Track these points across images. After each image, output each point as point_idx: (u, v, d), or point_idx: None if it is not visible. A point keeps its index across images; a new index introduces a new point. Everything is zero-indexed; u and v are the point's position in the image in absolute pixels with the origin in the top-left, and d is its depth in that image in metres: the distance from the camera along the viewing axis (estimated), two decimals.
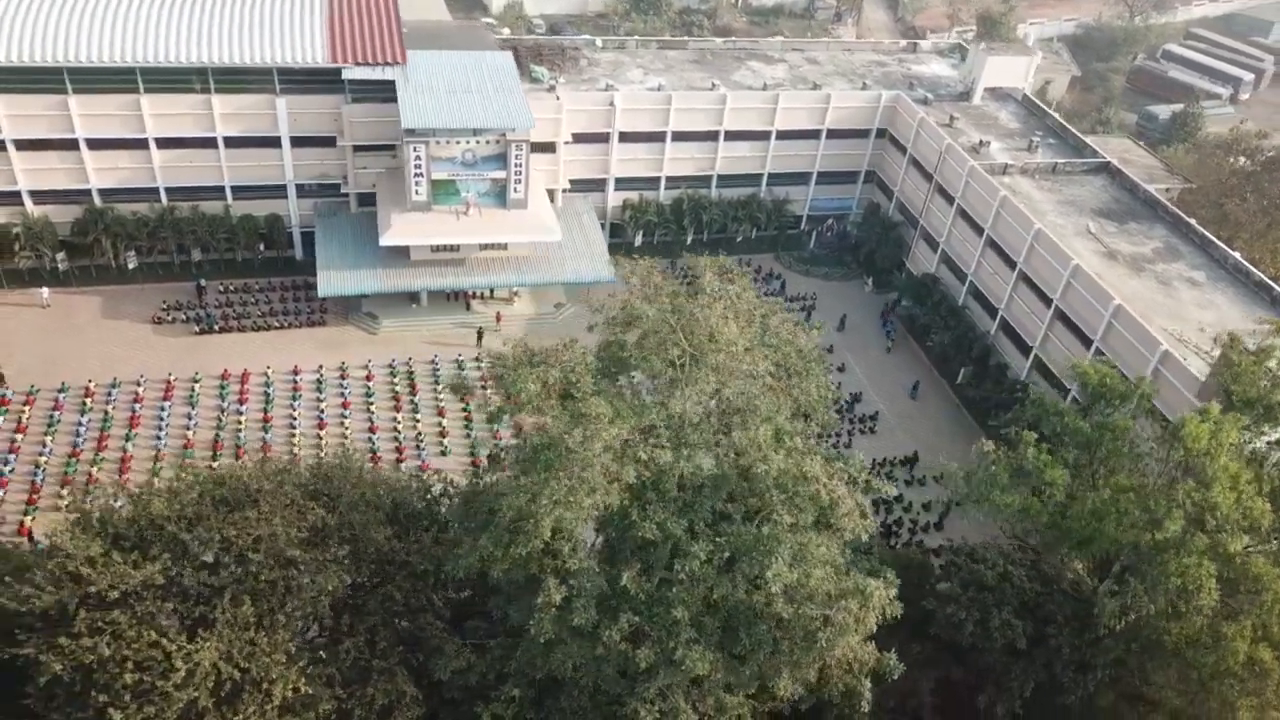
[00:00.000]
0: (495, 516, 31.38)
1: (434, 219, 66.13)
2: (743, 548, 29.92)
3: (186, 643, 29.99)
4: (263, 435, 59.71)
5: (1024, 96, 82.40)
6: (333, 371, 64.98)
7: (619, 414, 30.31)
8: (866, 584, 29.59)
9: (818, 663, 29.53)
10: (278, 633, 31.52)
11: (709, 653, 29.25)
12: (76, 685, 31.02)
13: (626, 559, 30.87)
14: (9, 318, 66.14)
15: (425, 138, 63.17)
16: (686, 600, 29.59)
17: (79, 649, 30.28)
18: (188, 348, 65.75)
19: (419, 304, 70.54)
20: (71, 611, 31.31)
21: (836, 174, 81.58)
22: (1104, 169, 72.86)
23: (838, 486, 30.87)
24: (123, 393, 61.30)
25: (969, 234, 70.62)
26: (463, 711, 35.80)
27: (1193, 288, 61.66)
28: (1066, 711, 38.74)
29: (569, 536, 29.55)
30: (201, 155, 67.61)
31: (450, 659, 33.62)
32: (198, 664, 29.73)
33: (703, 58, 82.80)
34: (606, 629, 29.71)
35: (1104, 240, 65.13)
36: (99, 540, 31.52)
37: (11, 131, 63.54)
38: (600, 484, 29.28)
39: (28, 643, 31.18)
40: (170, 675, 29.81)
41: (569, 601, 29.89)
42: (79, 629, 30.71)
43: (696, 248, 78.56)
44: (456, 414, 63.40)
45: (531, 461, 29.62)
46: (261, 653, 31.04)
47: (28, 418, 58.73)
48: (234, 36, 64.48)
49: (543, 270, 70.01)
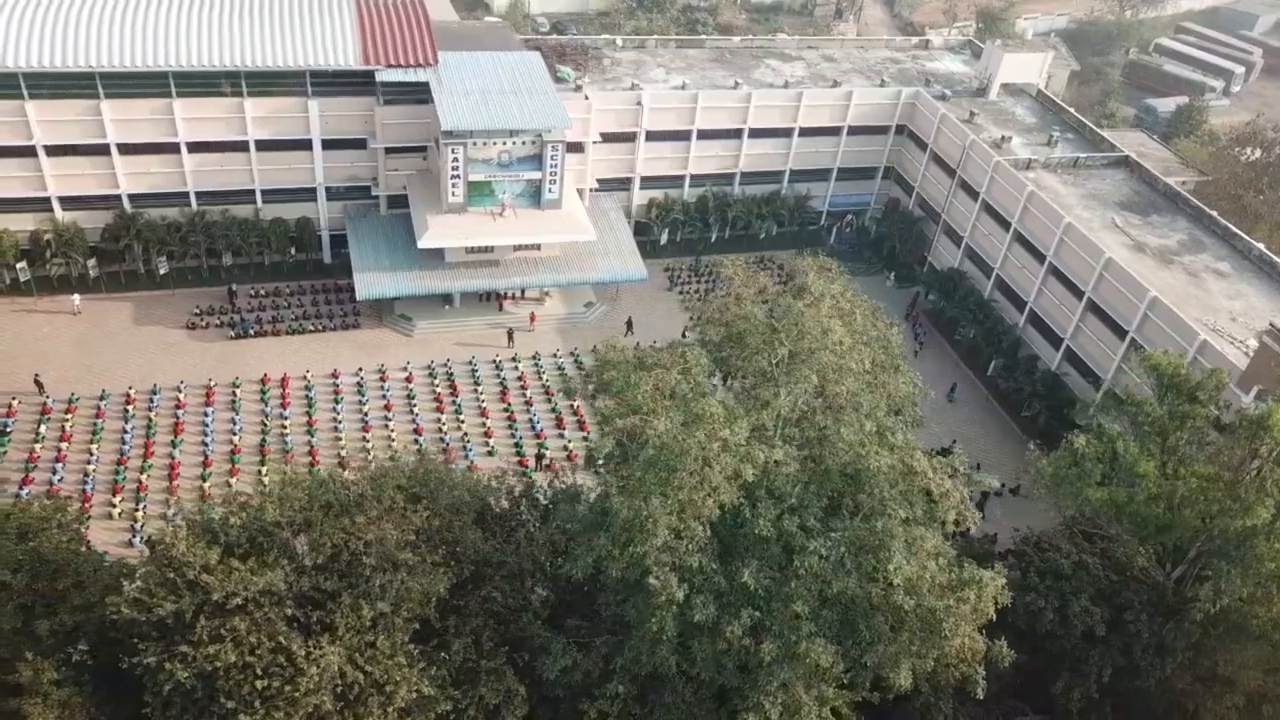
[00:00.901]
0: (608, 517, 31.88)
1: (470, 220, 66.28)
2: (858, 543, 30.62)
3: (311, 647, 30.20)
4: (309, 439, 59.68)
5: (1038, 92, 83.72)
6: (372, 374, 65.00)
7: (732, 414, 30.88)
8: (980, 574, 30.41)
9: (936, 652, 30.32)
10: (394, 635, 31.83)
11: (831, 645, 29.93)
12: (197, 692, 31.18)
13: (740, 555, 31.45)
14: (42, 325, 65.58)
15: (463, 140, 63.29)
16: (805, 595, 30.23)
17: (202, 656, 30.45)
18: (223, 353, 65.52)
19: (451, 305, 70.65)
20: (188, 619, 31.45)
21: (856, 170, 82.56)
22: (1123, 163, 74.28)
23: (944, 480, 31.64)
24: (164, 399, 61.01)
25: (994, 228, 71.77)
26: (562, 709, 36.30)
27: (1220, 279, 63.11)
28: (1142, 694, 39.83)
29: (689, 535, 30.06)
30: (232, 159, 67.33)
31: (557, 658, 34.05)
32: (324, 668, 29.98)
33: (721, 56, 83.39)
34: (728, 624, 30.30)
35: (1130, 233, 66.49)
36: (214, 548, 31.62)
37: (43, 137, 62.96)
38: (721, 483, 29.85)
39: (147, 652, 31.26)
40: (298, 680, 30.06)
41: (688, 598, 30.44)
42: (200, 637, 30.84)
43: (720, 245, 79.87)
44: (499, 415, 63.65)
45: (652, 462, 30.07)
46: (382, 655, 31.35)
47: (71, 426, 58.34)
48: (266, 40, 64.21)
49: (576, 270, 70.34)
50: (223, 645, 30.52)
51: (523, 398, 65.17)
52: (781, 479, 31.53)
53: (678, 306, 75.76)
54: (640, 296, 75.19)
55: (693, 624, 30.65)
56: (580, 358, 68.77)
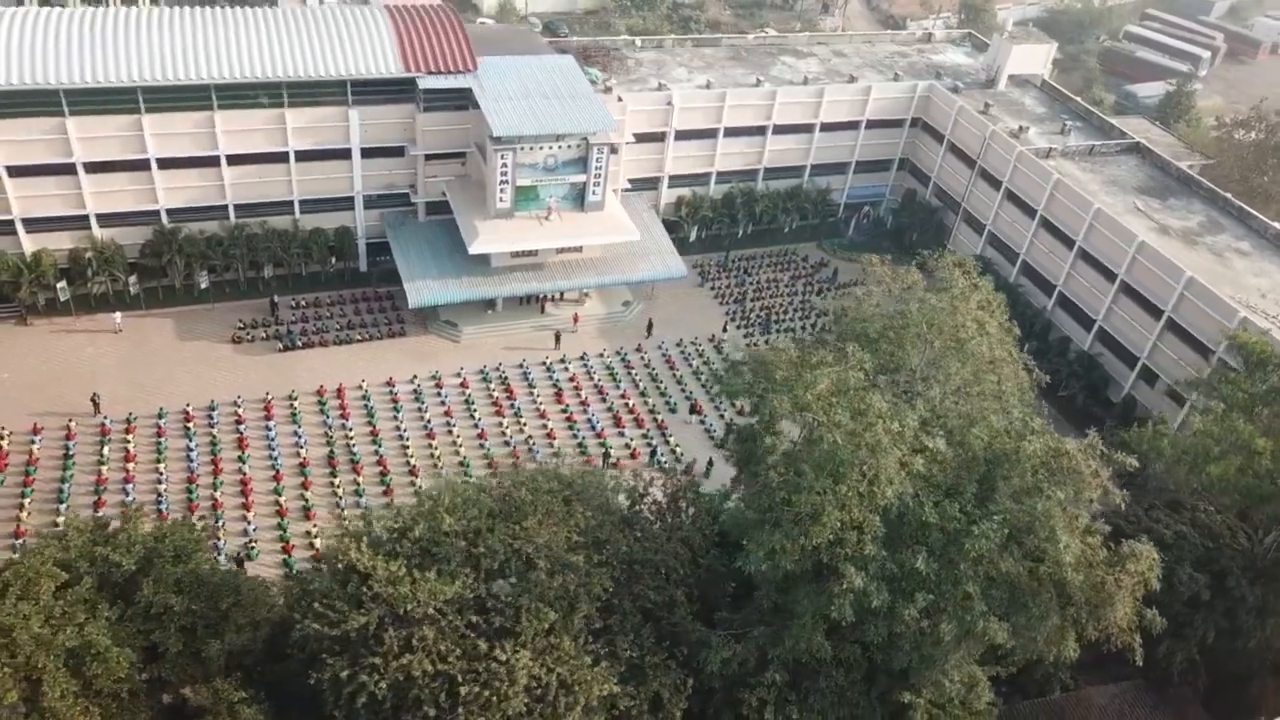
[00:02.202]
0: (771, 514, 33.01)
1: (517, 225, 66.71)
2: (1017, 524, 32.18)
3: (508, 652, 30.89)
4: (376, 449, 59.73)
5: (1043, 82, 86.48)
6: (427, 381, 65.15)
7: (897, 408, 32.20)
8: (1137, 548, 32.20)
9: (1104, 624, 32.05)
10: (575, 637, 32.62)
11: (1003, 623, 31.49)
12: (386, 704, 31.66)
13: (905, 541, 32.81)
14: (85, 345, 64.53)
15: (511, 145, 63.67)
16: (974, 576, 31.72)
17: (395, 667, 30.96)
18: (273, 366, 65.13)
19: (494, 310, 71.00)
20: (372, 631, 31.91)
21: (872, 163, 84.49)
22: (1134, 149, 77.25)
23: (1091, 461, 33.32)
24: (223, 415, 60.53)
25: (1019, 216, 74.19)
26: (716, 699, 37.34)
27: (1243, 258, 66.20)
28: (1243, 655, 42.17)
29: (870, 526, 31.32)
30: (271, 170, 66.82)
31: (718, 650, 35.12)
32: (522, 671, 30.69)
33: (737, 54, 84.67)
34: (904, 608, 31.66)
35: (1153, 217, 69.31)
36: (395, 559, 32.08)
37: (83, 154, 61.91)
38: (896, 476, 31.17)
39: (335, 666, 31.66)
40: (494, 684, 30.72)
41: (864, 586, 31.72)
42: (389, 648, 31.34)
43: (745, 240, 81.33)
44: (558, 416, 64.27)
45: (827, 457, 31.25)
46: (567, 656, 32.12)
47: (134, 446, 57.65)
48: (308, 51, 63.89)
49: (618, 270, 71.16)
50: (415, 655, 31.06)
51: (578, 398, 65.86)
52: (937, 467, 32.95)
53: (711, 302, 77.03)
54: (674, 294, 76.24)
55: (869, 609, 31.92)
56: (626, 355, 69.77)
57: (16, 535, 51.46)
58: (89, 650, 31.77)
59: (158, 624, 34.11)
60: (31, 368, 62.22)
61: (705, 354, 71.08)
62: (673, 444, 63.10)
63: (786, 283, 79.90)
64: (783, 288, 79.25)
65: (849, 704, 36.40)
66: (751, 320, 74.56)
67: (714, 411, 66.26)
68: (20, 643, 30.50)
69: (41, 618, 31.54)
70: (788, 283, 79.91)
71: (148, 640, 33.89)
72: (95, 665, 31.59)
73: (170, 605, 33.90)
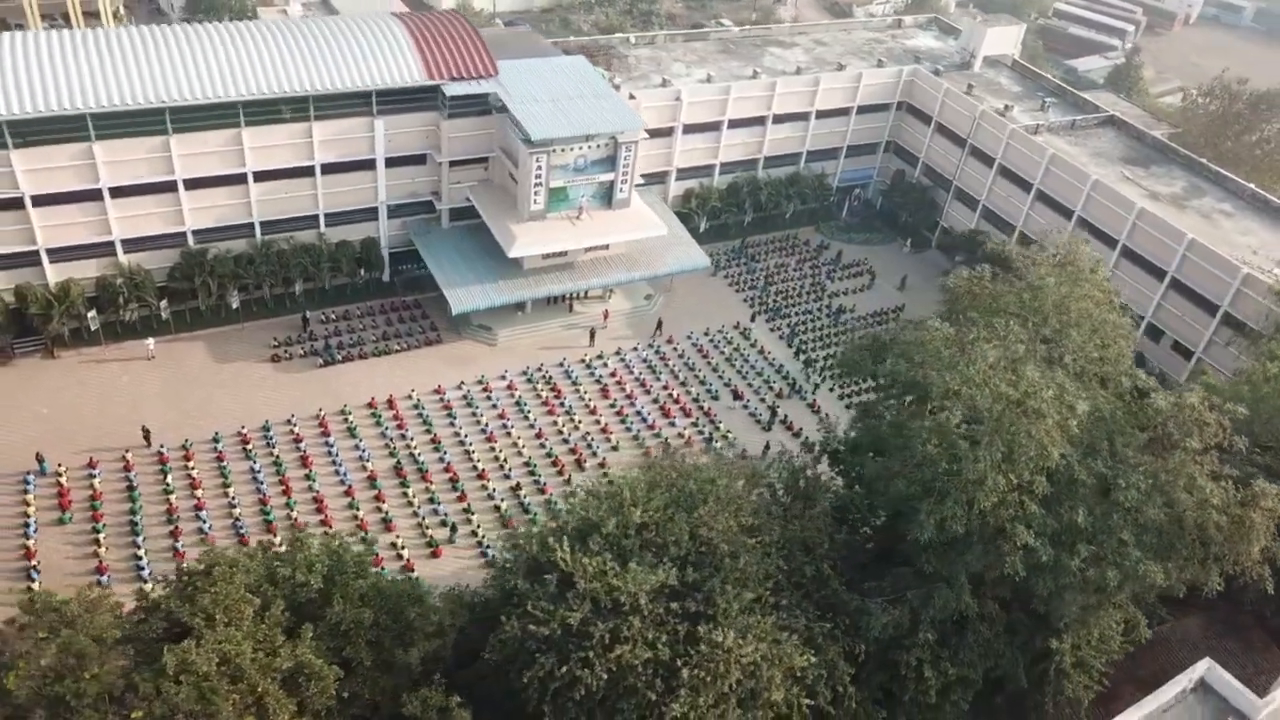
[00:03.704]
0: (935, 485, 35.31)
1: (550, 226, 67.57)
2: (1159, 475, 35.18)
3: (718, 634, 32.46)
4: (439, 456, 60.13)
5: (1013, 62, 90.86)
6: (474, 385, 65.66)
7: (1049, 377, 34.81)
8: (1266, 487, 35.52)
9: (1246, 559, 35.29)
10: (770, 615, 34.38)
11: (1159, 565, 34.47)
12: (599, 693, 32.91)
13: (1058, 498, 35.48)
14: (120, 374, 63.07)
15: (546, 148, 64.46)
16: (1127, 525, 34.60)
17: (608, 659, 32.23)
18: (315, 381, 64.73)
19: (524, 311, 71.70)
20: (576, 626, 33.08)
21: (861, 146, 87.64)
22: (1110, 122, 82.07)
23: (1207, 413, 36.53)
24: (279, 434, 60.07)
25: (1014, 190, 78.19)
26: (865, 664, 39.48)
27: (1228, 218, 71.33)
28: None
29: (1039, 488, 33.85)
30: (297, 185, 66.22)
31: (878, 616, 37.35)
32: (734, 652, 32.31)
33: (726, 47, 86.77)
34: (1069, 559, 34.33)
35: (1142, 184, 74.01)
36: (597, 554, 33.28)
37: (110, 179, 60.46)
38: (1058, 438, 33.78)
39: (543, 663, 32.75)
40: (707, 665, 32.27)
41: (1028, 544, 34.28)
42: (599, 640, 32.57)
43: (748, 228, 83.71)
44: (609, 412, 65.51)
45: (995, 427, 33.63)
46: (766, 634, 33.85)
47: (197, 472, 56.87)
48: (332, 64, 63.48)
49: (644, 265, 72.58)
50: (627, 646, 32.37)
51: (623, 392, 67.23)
52: (1079, 427, 35.73)
53: (728, 290, 79.07)
54: (691, 285, 78.01)
55: (1037, 565, 34.49)
56: (659, 347, 71.37)
57: (100, 570, 50.57)
58: (301, 671, 32.20)
59: (346, 640, 34.64)
60: (70, 401, 60.60)
61: (734, 341, 73.11)
62: (723, 430, 65.03)
63: (794, 267, 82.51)
64: (791, 272, 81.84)
65: (994, 655, 39.09)
66: (770, 306, 76.86)
67: (754, 396, 68.41)
68: (244, 669, 30.80)
69: (251, 643, 31.85)
70: (795, 267, 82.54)
71: (339, 656, 34.38)
72: (311, 685, 32.04)
73: (361, 620, 34.45)
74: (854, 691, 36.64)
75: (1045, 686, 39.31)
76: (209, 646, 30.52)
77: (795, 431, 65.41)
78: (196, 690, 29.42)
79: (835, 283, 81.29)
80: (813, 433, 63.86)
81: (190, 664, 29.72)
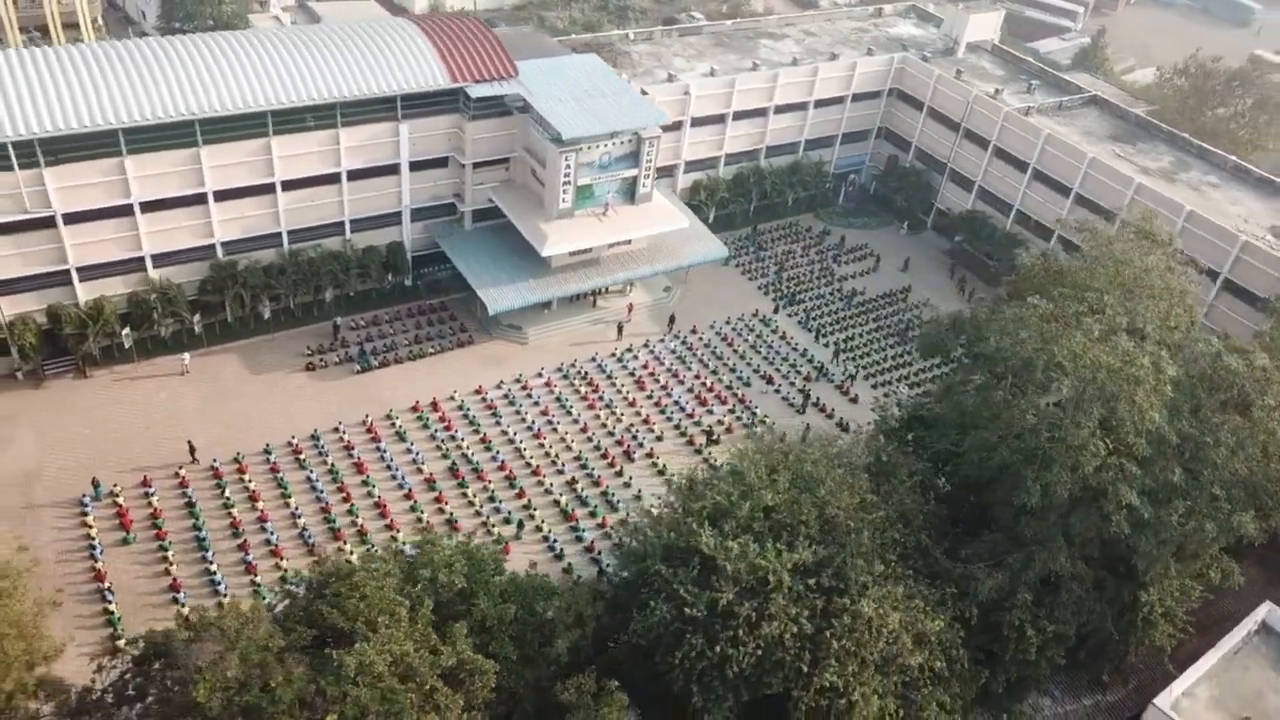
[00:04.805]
0: (1038, 453, 37.43)
1: (578, 224, 68.45)
2: (1238, 432, 37.78)
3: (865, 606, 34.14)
4: (492, 455, 60.78)
5: (993, 47, 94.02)
6: (513, 384, 66.33)
7: (1141, 346, 37.15)
8: None
9: None
10: (899, 585, 36.15)
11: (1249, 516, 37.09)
12: (747, 671, 34.33)
13: (1154, 459, 37.83)
14: (156, 391, 62.38)
15: (574, 146, 65.29)
16: (1217, 480, 37.13)
17: (755, 637, 33.69)
18: (354, 388, 64.79)
19: (550, 309, 72.44)
20: (720, 607, 34.46)
21: (855, 134, 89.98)
22: (1094, 101, 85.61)
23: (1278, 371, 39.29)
24: (329, 442, 60.11)
25: (1010, 171, 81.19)
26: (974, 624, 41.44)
27: (1215, 189, 75.18)
28: None
29: (1139, 449, 36.14)
30: (323, 192, 66.06)
31: (984, 581, 39.40)
32: (878, 621, 34.03)
33: (720, 40, 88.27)
34: (1168, 515, 36.73)
35: (1133, 160, 77.52)
36: (737, 538, 34.67)
37: (141, 193, 59.71)
38: (1155, 402, 36.12)
39: (693, 643, 34.07)
40: (853, 635, 33.94)
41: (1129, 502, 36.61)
42: (746, 618, 33.99)
43: (752, 216, 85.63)
44: (647, 403, 66.72)
45: (1097, 394, 35.85)
46: (902, 601, 35.63)
47: (254, 484, 56.70)
48: (357, 70, 63.37)
49: (665, 257, 73.83)
50: (774, 622, 33.86)
51: (658, 383, 68.51)
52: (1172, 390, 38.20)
53: (741, 279, 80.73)
54: (704, 275, 79.42)
55: (1140, 522, 36.82)
56: (685, 338, 72.73)
57: (174, 588, 50.37)
58: (463, 667, 33.02)
59: (490, 635, 35.50)
60: (111, 420, 59.86)
61: (756, 329, 74.82)
62: (760, 415, 66.74)
63: (800, 253, 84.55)
64: (799, 258, 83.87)
65: (1086, 611, 41.44)
66: (785, 293, 78.75)
67: (783, 381, 70.24)
68: (415, 667, 31.54)
69: (411, 643, 32.57)
70: (801, 253, 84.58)
71: (485, 651, 35.23)
72: (475, 680, 32.88)
73: (505, 615, 35.35)
74: (965, 654, 38.60)
75: (1131, 637, 41.75)
76: (377, 647, 31.17)
77: (829, 413, 67.52)
78: (378, 691, 30.09)
79: (842, 267, 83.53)
80: (847, 414, 66.74)
81: (369, 665, 30.36)
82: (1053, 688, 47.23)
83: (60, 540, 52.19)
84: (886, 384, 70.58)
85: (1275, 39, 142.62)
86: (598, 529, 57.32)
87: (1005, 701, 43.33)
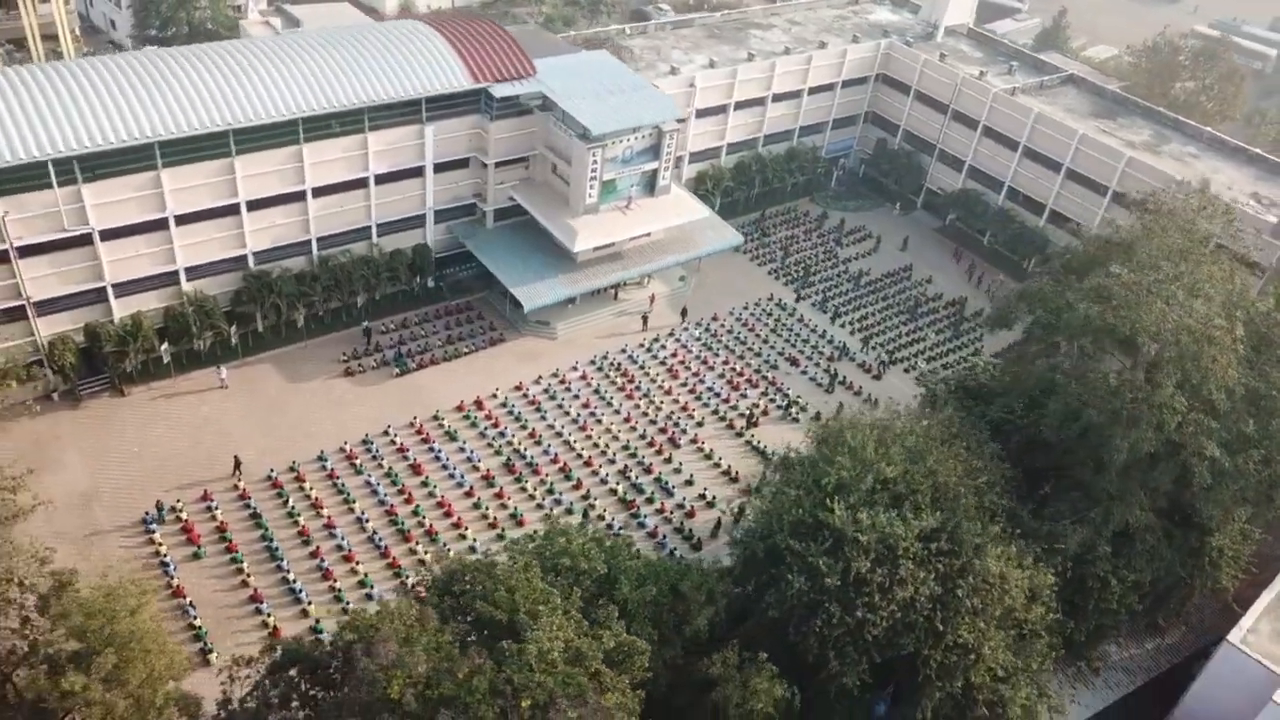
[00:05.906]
0: (1123, 413, 40.07)
1: (604, 218, 69.59)
2: None
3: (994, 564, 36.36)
4: (543, 449, 61.78)
5: (969, 30, 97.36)
6: (550, 379, 67.33)
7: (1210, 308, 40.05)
8: None
9: None
10: (1011, 544, 38.46)
11: None
12: (883, 636, 36.26)
13: (1226, 412, 40.75)
14: (198, 405, 61.91)
15: (600, 142, 66.35)
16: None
17: (895, 600, 35.65)
18: (396, 391, 65.13)
19: (574, 303, 73.44)
20: (855, 575, 36.31)
21: (844, 119, 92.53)
22: (1070, 80, 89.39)
23: None
24: (381, 446, 60.47)
25: (999, 150, 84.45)
26: None
27: (1197, 160, 79.36)
28: None
29: (1220, 405, 38.98)
30: (351, 198, 66.05)
31: (1071, 536, 41.99)
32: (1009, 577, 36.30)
33: (711, 31, 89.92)
34: (1244, 463, 39.70)
35: (1118, 135, 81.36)
36: (868, 510, 36.54)
37: (176, 206, 59.16)
38: (1233, 359, 39.00)
39: (830, 611, 35.89)
40: (982, 591, 36.12)
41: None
42: (879, 585, 35.91)
43: (755, 202, 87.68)
44: (683, 390, 68.28)
45: (1181, 353, 38.59)
46: (1012, 562, 37.90)
47: (315, 492, 56.88)
48: (382, 75, 63.41)
49: (684, 248, 75.34)
50: (906, 587, 35.82)
51: (689, 370, 70.13)
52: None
53: (751, 265, 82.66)
54: (716, 263, 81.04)
55: (1220, 472, 39.71)
56: (708, 325, 74.43)
57: (255, 599, 50.52)
58: (621, 649, 34.34)
59: (631, 618, 36.85)
60: (157, 437, 59.31)
61: (774, 313, 76.85)
62: (792, 396, 68.82)
63: (802, 237, 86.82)
64: (802, 242, 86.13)
65: (1159, 558, 44.36)
66: (797, 277, 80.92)
67: (808, 362, 72.43)
68: (583, 652, 32.77)
69: (573, 629, 33.79)
70: (804, 237, 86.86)
71: (629, 632, 36.56)
72: (633, 660, 34.24)
73: (645, 597, 36.73)
74: (1059, 605, 41.16)
75: (1198, 580, 44.82)
76: (549, 635, 32.31)
77: (856, 390, 69.93)
78: (558, 676, 31.28)
79: (845, 249, 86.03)
80: (873, 390, 69.25)
81: (546, 653, 31.52)
82: (1116, 634, 50.37)
83: (132, 560, 51.70)
84: (904, 359, 73.34)
85: (1208, 14, 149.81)
86: (656, 514, 58.82)
87: (1083, 650, 46.20)
